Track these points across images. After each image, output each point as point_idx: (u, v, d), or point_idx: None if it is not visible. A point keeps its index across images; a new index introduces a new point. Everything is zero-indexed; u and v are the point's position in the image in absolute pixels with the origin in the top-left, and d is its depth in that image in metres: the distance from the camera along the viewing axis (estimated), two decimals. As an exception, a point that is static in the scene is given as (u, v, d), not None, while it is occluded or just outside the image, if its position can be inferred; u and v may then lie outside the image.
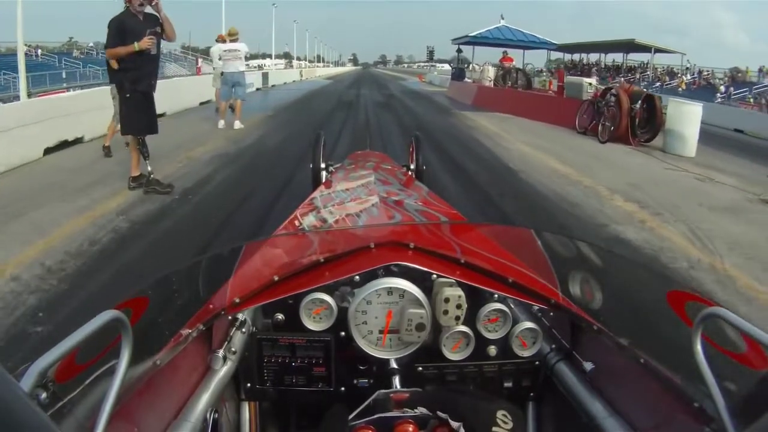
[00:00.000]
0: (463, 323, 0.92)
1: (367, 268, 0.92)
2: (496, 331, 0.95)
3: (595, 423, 0.80)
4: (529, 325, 0.94)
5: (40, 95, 10.17)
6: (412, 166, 2.76)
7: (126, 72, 4.06)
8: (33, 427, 0.34)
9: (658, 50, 25.25)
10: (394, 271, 0.92)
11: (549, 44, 21.08)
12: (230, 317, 0.91)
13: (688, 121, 7.79)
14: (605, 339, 0.85)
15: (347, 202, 1.63)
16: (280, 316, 0.94)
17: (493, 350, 0.96)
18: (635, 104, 8.23)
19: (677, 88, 23.47)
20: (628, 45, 25.66)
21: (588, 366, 0.89)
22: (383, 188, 1.77)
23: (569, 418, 0.88)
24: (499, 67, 16.47)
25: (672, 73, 27.36)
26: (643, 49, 25.69)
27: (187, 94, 11.52)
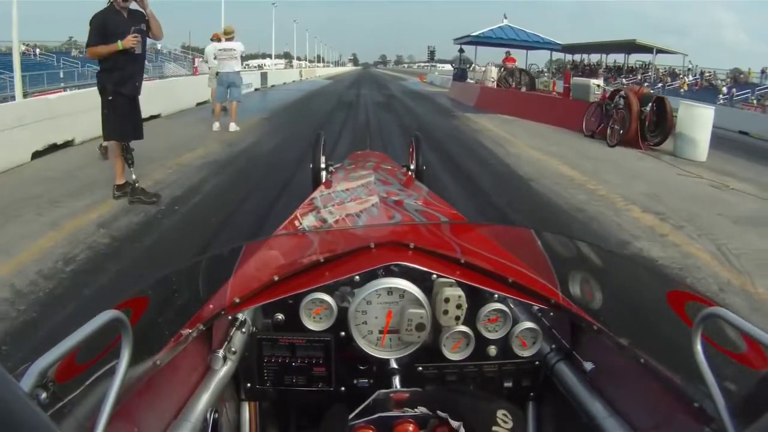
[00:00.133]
0: (463, 323, 0.91)
1: (367, 268, 0.91)
2: (496, 331, 0.94)
3: (595, 423, 0.79)
4: (529, 325, 0.94)
5: (36, 95, 9.91)
6: (412, 166, 2.73)
7: (108, 73, 3.78)
8: (33, 427, 0.34)
9: (659, 51, 25.07)
10: (394, 271, 0.92)
11: (553, 44, 20.68)
12: (230, 317, 0.91)
13: (699, 125, 7.64)
14: (605, 339, 0.85)
15: (347, 202, 1.62)
16: (280, 316, 0.94)
17: (493, 350, 0.95)
18: (645, 107, 7.99)
19: (679, 89, 23.24)
20: (630, 45, 25.50)
21: (588, 366, 0.88)
22: (383, 188, 1.76)
23: (569, 418, 0.87)
24: (502, 68, 16.21)
25: (674, 74, 27.14)
26: (645, 49, 25.53)
27: (184, 95, 11.30)
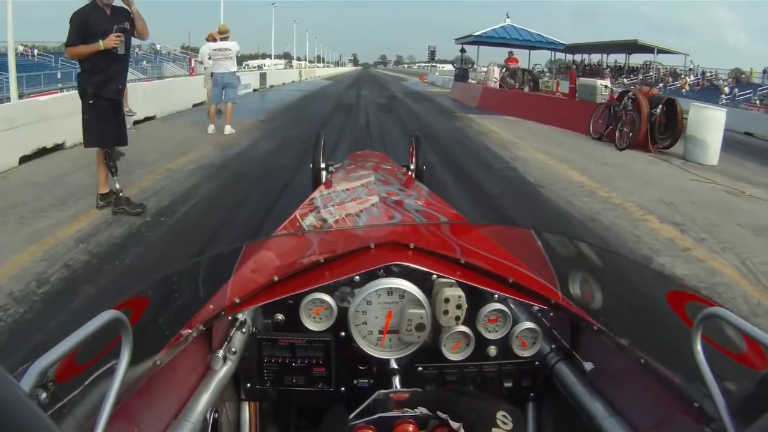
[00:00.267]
0: (463, 323, 0.91)
1: (367, 269, 0.91)
2: (496, 331, 0.94)
3: (595, 423, 0.79)
4: (529, 325, 0.93)
5: (31, 96, 9.69)
6: (412, 167, 2.72)
7: (89, 75, 3.53)
8: (33, 427, 0.34)
9: (661, 51, 24.84)
10: (394, 272, 0.92)
11: (556, 44, 20.29)
12: (230, 317, 0.90)
13: (710, 127, 7.40)
14: (605, 339, 0.84)
15: (347, 202, 1.62)
16: (280, 317, 0.93)
17: (493, 350, 0.95)
18: (655, 109, 7.72)
19: (681, 90, 22.94)
20: (631, 45, 25.30)
21: (588, 366, 0.88)
22: (383, 188, 1.76)
23: (569, 419, 0.86)
24: (505, 68, 15.94)
25: (675, 74, 26.85)
26: (646, 49, 25.31)
27: (179, 96, 11.07)
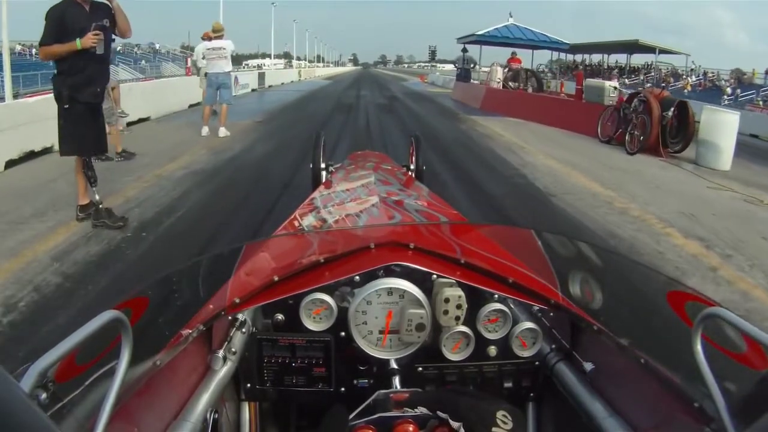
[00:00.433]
0: (463, 323, 0.91)
1: (367, 269, 0.91)
2: (496, 331, 0.94)
3: (595, 423, 0.79)
4: (529, 325, 0.93)
5: (26, 96, 9.41)
6: (412, 167, 2.72)
7: (65, 77, 3.22)
8: (33, 427, 0.34)
9: (662, 51, 24.56)
10: (394, 272, 0.92)
11: (560, 44, 19.98)
12: (230, 317, 0.90)
13: (723, 132, 7.15)
14: (605, 339, 0.84)
15: (347, 202, 1.62)
16: (280, 317, 0.93)
17: (493, 350, 0.95)
18: (667, 112, 7.43)
19: (683, 90, 22.63)
20: (632, 46, 25.04)
21: (588, 366, 0.87)
22: (383, 188, 1.76)
23: (569, 419, 0.86)
24: (508, 69, 15.63)
25: (677, 75, 26.54)
26: (647, 49, 25.04)
27: (175, 96, 10.81)
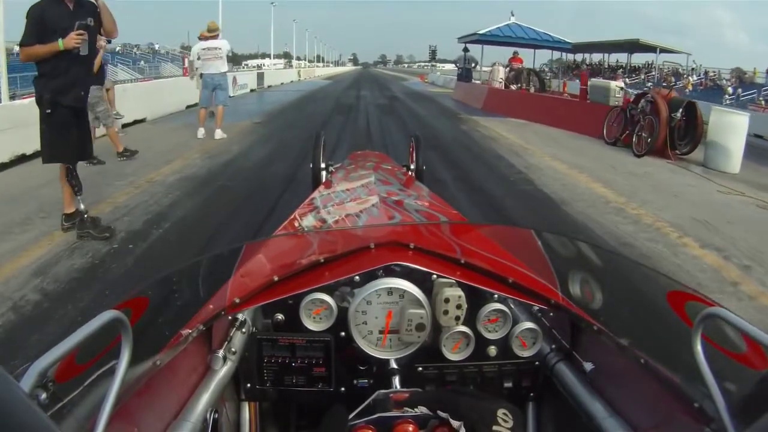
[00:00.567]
0: (463, 323, 0.91)
1: (367, 269, 0.91)
2: (496, 331, 0.94)
3: (595, 423, 0.79)
4: (529, 325, 0.93)
5: (24, 97, 9.21)
6: (412, 166, 2.72)
7: (47, 79, 3.03)
8: (33, 427, 0.34)
9: (663, 50, 24.39)
10: (394, 272, 0.92)
11: (563, 43, 19.75)
12: (230, 317, 0.90)
13: (732, 133, 7.00)
14: (605, 339, 0.84)
15: (347, 202, 1.62)
16: (280, 317, 0.93)
17: (493, 350, 0.95)
18: (675, 113, 7.24)
19: (684, 89, 22.42)
20: (633, 45, 24.88)
21: (588, 366, 0.87)
22: (383, 188, 1.76)
23: (569, 419, 0.86)
24: (510, 68, 15.44)
25: (677, 74, 26.31)
26: (648, 49, 24.91)
27: (172, 97, 10.65)
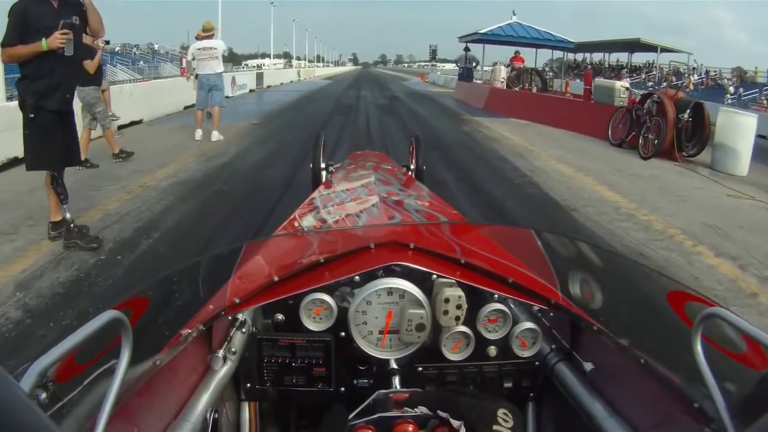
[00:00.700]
0: (463, 323, 0.91)
1: (367, 269, 0.91)
2: (496, 331, 0.94)
3: (595, 423, 0.79)
4: (529, 325, 0.93)
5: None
6: (412, 166, 2.71)
7: (30, 82, 2.87)
8: (33, 427, 0.34)
9: (663, 50, 24.22)
10: (394, 272, 0.92)
11: (566, 43, 19.54)
12: (230, 317, 0.90)
13: (740, 135, 6.84)
14: (605, 339, 0.84)
15: (347, 202, 1.62)
16: (280, 317, 0.93)
17: (493, 351, 0.95)
18: (682, 114, 7.08)
19: (685, 89, 22.22)
20: (634, 44, 24.71)
21: (588, 366, 0.87)
22: (383, 188, 1.76)
23: (569, 419, 0.86)
24: (511, 68, 15.28)
25: (678, 74, 26.16)
26: (649, 48, 24.73)
27: (170, 97, 10.53)
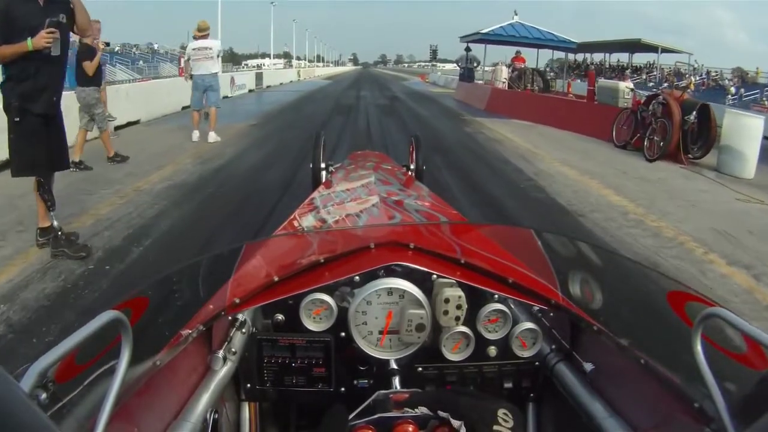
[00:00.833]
0: (463, 324, 0.91)
1: (367, 269, 0.91)
2: (496, 331, 0.94)
3: (595, 423, 0.79)
4: (529, 325, 0.93)
5: None
6: (412, 166, 2.71)
7: (14, 83, 2.73)
8: (33, 427, 0.33)
9: (664, 50, 24.16)
10: (395, 272, 0.91)
11: (568, 43, 19.39)
12: (230, 318, 0.90)
13: (747, 137, 6.70)
14: (605, 339, 0.84)
15: (347, 202, 1.62)
16: (280, 317, 0.93)
17: (493, 351, 0.94)
18: (688, 116, 6.95)
19: (686, 89, 22.06)
20: (634, 45, 24.65)
21: (588, 366, 0.87)
22: (383, 188, 1.76)
23: (569, 419, 0.86)
24: (512, 68, 15.16)
25: (679, 74, 26.05)
26: (650, 48, 24.67)
27: (168, 97, 10.41)
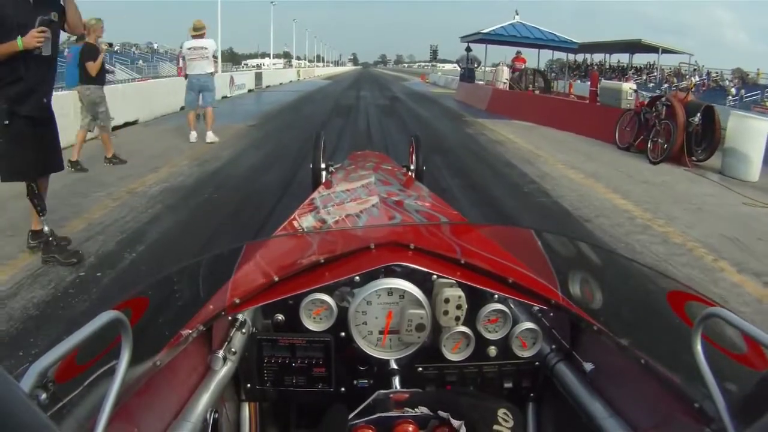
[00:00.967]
0: (463, 324, 0.91)
1: (367, 269, 0.91)
2: (496, 331, 0.94)
3: (595, 423, 0.79)
4: (529, 325, 0.93)
5: None
6: (412, 167, 2.72)
7: (3, 85, 2.62)
8: (33, 427, 0.34)
9: (665, 51, 24.11)
10: (395, 272, 0.92)
11: (570, 43, 19.27)
12: (230, 318, 0.90)
13: (752, 139, 6.58)
14: (605, 339, 0.84)
15: (347, 202, 1.62)
16: (280, 317, 0.93)
17: (493, 351, 0.95)
18: (693, 117, 6.85)
19: (689, 90, 21.99)
20: (635, 45, 24.60)
21: (588, 366, 0.87)
22: (383, 188, 1.76)
23: (569, 419, 0.86)
24: (513, 68, 15.08)
25: (680, 75, 26.01)
26: (650, 49, 24.63)
27: (166, 98, 10.34)
